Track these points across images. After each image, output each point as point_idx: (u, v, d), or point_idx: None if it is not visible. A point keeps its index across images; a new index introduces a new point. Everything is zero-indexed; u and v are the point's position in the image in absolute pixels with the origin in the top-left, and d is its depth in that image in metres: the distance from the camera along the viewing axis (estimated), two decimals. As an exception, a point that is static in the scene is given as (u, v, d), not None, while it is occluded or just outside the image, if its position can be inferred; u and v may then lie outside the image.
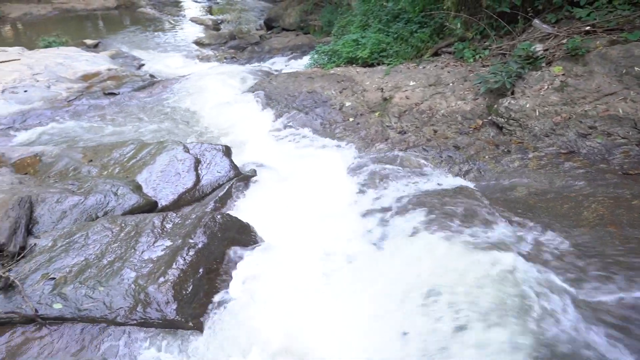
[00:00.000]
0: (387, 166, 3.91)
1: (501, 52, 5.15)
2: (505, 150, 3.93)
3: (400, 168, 3.87)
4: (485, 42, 5.61)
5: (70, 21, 15.92)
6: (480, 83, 4.61)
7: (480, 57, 5.39)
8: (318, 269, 2.80)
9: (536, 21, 4.86)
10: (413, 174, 3.77)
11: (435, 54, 6.17)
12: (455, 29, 5.88)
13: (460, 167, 3.88)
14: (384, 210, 3.31)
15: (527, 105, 4.03)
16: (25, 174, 3.88)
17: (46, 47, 9.94)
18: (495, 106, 4.31)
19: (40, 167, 4.00)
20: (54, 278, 2.45)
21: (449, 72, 5.32)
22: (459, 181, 3.68)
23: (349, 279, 2.69)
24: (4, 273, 2.43)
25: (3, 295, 2.35)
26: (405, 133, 4.60)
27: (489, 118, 4.34)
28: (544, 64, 4.37)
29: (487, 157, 3.92)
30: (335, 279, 2.70)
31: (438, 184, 3.64)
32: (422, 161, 3.99)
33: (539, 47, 4.47)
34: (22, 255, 2.67)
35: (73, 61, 8.14)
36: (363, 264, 2.81)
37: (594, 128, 3.60)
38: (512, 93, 4.31)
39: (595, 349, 1.93)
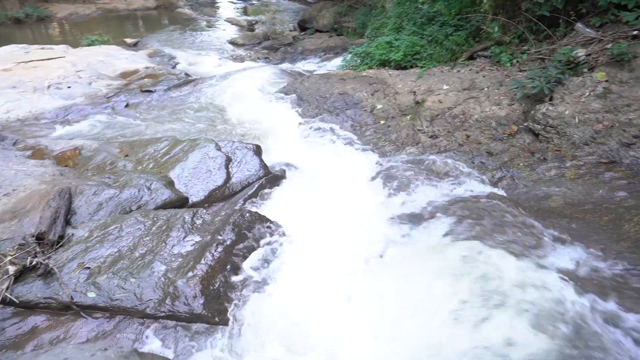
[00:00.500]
0: (417, 170, 3.85)
1: (540, 56, 4.99)
2: (541, 158, 3.80)
3: (430, 172, 3.81)
4: (523, 46, 5.45)
5: (112, 21, 16.54)
6: (516, 88, 4.48)
7: (517, 61, 5.25)
8: (343, 270, 2.79)
9: (579, 25, 4.68)
10: (443, 179, 3.71)
11: (471, 58, 6.05)
12: (492, 33, 5.75)
13: (493, 173, 3.78)
14: (413, 214, 3.27)
15: (567, 112, 3.89)
16: (66, 166, 4.05)
17: (89, 45, 10.36)
18: (532, 112, 4.18)
19: (79, 160, 4.17)
20: (89, 267, 2.54)
21: (484, 76, 5.20)
22: (491, 188, 3.59)
23: (375, 281, 2.67)
24: (44, 260, 2.55)
25: (42, 281, 2.46)
26: (436, 137, 4.53)
27: (525, 124, 4.21)
28: (585, 70, 4.20)
29: (521, 164, 3.81)
30: (360, 281, 2.68)
31: (469, 190, 3.56)
32: (453, 166, 3.91)
33: (581, 52, 4.31)
34: (60, 244, 2.79)
35: (113, 59, 8.44)
36: (389, 267, 2.79)
37: (639, 137, 3.43)
38: (551, 99, 4.17)
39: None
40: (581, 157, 3.60)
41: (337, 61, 8.86)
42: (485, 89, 4.91)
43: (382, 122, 5.10)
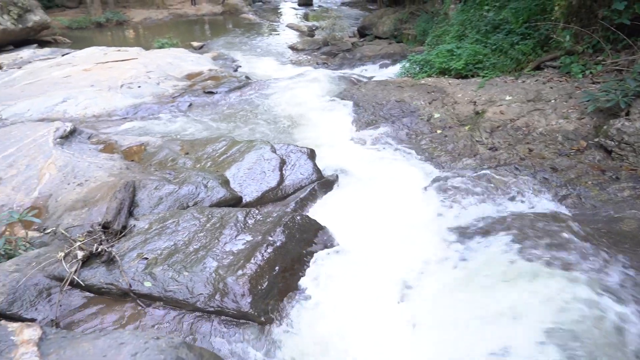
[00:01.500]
0: (474, 182, 3.71)
1: (617, 68, 4.65)
2: (613, 177, 3.53)
3: (487, 186, 3.65)
4: (597, 57, 5.10)
5: (182, 25, 17.50)
6: (588, 101, 4.19)
7: (590, 72, 4.92)
8: (393, 279, 2.74)
9: (664, 35, 4.31)
10: (502, 193, 3.54)
11: (537, 68, 5.75)
12: (563, 42, 5.43)
13: (556, 190, 3.55)
14: (468, 228, 3.14)
15: (645, 129, 3.58)
16: (132, 160, 4.32)
17: (159, 47, 11.03)
18: (605, 127, 3.89)
19: (144, 156, 4.42)
20: (146, 258, 2.68)
21: (551, 87, 4.92)
22: (554, 206, 3.38)
23: (425, 295, 2.59)
24: (107, 248, 2.72)
25: (105, 267, 2.63)
26: (496, 150, 4.34)
27: (596, 140, 3.92)
28: (670, 84, 3.86)
29: (589, 182, 3.55)
30: (410, 293, 2.62)
31: (529, 207, 3.37)
32: (513, 181, 3.72)
33: (665, 64, 3.96)
34: (123, 233, 2.97)
35: (180, 61, 8.89)
36: (441, 281, 2.69)
37: None
38: (627, 114, 3.86)
39: None
40: (660, 178, 3.30)
41: (396, 68, 8.77)
42: (552, 101, 4.65)
43: (438, 131, 4.97)
